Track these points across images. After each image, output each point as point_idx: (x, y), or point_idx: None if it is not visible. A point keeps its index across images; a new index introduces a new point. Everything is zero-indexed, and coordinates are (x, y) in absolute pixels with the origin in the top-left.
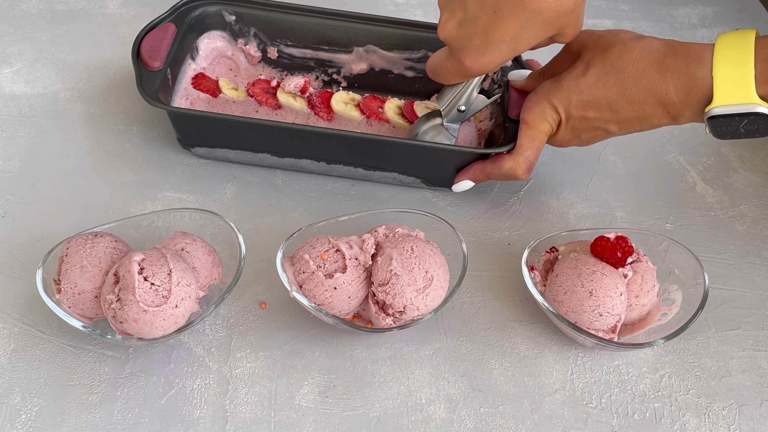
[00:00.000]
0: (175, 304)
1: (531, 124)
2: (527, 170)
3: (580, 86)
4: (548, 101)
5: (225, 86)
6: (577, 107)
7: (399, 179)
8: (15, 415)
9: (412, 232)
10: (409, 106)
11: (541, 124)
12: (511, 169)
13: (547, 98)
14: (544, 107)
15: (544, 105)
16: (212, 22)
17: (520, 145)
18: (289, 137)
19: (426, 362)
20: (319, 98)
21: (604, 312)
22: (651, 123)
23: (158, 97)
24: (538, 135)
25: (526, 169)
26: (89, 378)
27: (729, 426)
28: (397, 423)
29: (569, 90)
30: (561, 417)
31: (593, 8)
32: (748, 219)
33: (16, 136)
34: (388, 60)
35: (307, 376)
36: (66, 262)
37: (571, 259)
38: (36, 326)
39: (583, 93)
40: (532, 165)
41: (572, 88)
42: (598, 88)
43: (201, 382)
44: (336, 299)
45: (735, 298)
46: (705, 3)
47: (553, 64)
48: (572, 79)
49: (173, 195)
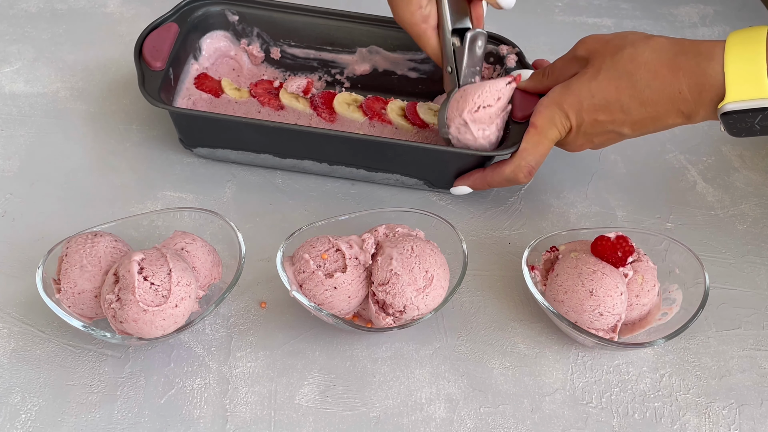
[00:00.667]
0: (175, 304)
1: (539, 128)
2: (528, 174)
3: (592, 90)
4: (559, 107)
5: (227, 86)
6: (588, 111)
7: (401, 181)
8: (15, 415)
9: (413, 232)
10: (412, 108)
11: (550, 129)
12: (513, 173)
13: (557, 104)
14: (554, 112)
15: (554, 110)
16: (215, 22)
17: (523, 149)
18: (291, 138)
19: (426, 362)
20: (322, 99)
21: (605, 311)
22: (665, 123)
23: (160, 97)
24: (544, 141)
25: (527, 173)
26: (89, 378)
27: (729, 426)
28: (397, 422)
29: (580, 94)
30: (561, 416)
31: (594, 7)
32: (749, 218)
33: (16, 135)
34: (392, 61)
35: (307, 375)
36: (66, 261)
37: (572, 259)
38: (36, 326)
39: (595, 97)
40: (534, 169)
41: (583, 92)
42: (610, 92)
43: (201, 381)
44: (336, 299)
45: (735, 297)
46: (706, 1)
47: (559, 69)
48: (583, 84)
49: (173, 194)
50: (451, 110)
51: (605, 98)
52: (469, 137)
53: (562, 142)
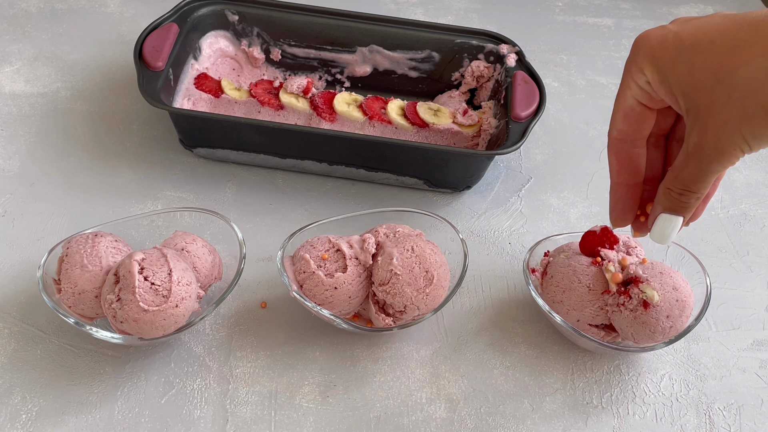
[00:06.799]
0: (176, 304)
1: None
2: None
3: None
4: (742, 139)
5: (227, 86)
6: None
7: (401, 181)
8: (15, 415)
9: (413, 232)
10: (412, 107)
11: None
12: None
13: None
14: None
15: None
16: (215, 22)
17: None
18: (291, 139)
19: (426, 362)
20: (322, 99)
21: (605, 305)
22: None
23: (160, 98)
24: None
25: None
26: (89, 378)
27: (729, 426)
28: (397, 422)
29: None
30: (561, 416)
31: (594, 6)
32: (749, 218)
33: (17, 135)
34: (392, 60)
35: (308, 375)
36: (66, 261)
37: (563, 259)
38: (36, 326)
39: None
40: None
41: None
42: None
43: (201, 381)
44: (336, 299)
45: (735, 297)
46: (706, 1)
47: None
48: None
49: (173, 194)
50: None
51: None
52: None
53: None
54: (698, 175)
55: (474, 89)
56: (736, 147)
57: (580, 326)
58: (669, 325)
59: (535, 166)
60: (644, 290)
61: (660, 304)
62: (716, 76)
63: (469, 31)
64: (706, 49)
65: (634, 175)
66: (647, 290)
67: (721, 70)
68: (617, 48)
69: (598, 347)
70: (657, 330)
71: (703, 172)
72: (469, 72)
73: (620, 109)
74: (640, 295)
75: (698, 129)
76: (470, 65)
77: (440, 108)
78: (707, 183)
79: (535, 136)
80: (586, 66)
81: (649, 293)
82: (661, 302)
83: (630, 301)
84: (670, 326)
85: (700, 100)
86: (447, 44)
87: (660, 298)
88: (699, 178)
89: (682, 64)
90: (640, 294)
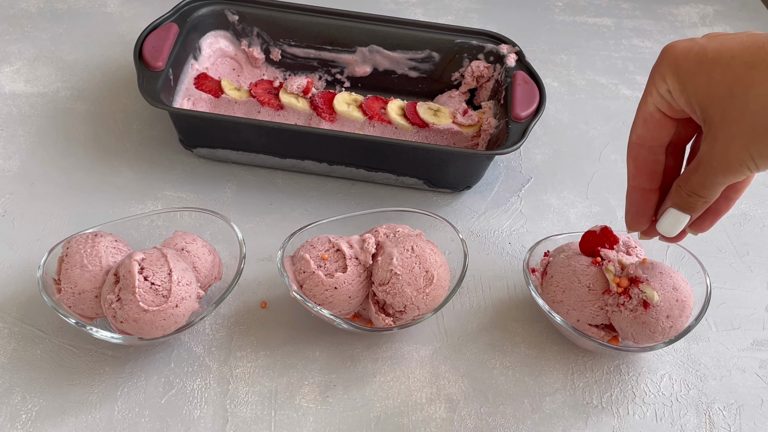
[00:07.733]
0: (176, 304)
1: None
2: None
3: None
4: (749, 156)
5: (227, 86)
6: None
7: (401, 181)
8: (15, 415)
9: (413, 232)
10: (412, 107)
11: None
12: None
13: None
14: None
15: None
16: (215, 22)
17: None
18: (291, 139)
19: (426, 362)
20: (322, 99)
21: (605, 305)
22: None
23: (160, 98)
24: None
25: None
26: (89, 378)
27: (729, 426)
28: (397, 422)
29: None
30: (561, 416)
31: (594, 6)
32: (749, 218)
33: (17, 135)
34: (392, 60)
35: (308, 375)
36: (66, 261)
37: (563, 259)
38: (36, 326)
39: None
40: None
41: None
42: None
43: (201, 381)
44: (336, 299)
45: (735, 297)
46: (706, 1)
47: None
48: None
49: (173, 194)
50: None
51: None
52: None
53: None
54: (704, 183)
55: (474, 89)
56: (743, 164)
57: (580, 326)
58: (669, 325)
59: (535, 166)
60: (644, 290)
61: (660, 304)
62: (731, 91)
63: (469, 31)
64: (726, 63)
65: (651, 181)
66: (647, 290)
67: (736, 85)
68: (617, 48)
69: (598, 347)
70: (657, 330)
71: (708, 181)
72: (469, 72)
73: (641, 114)
74: (640, 295)
75: (709, 140)
76: (470, 65)
77: (440, 108)
78: (713, 191)
79: (535, 136)
80: (586, 66)
81: (649, 293)
82: (661, 302)
83: (630, 301)
84: (670, 326)
85: (713, 113)
86: (447, 44)
87: (660, 298)
88: (705, 185)
89: (702, 75)
90: (640, 294)
